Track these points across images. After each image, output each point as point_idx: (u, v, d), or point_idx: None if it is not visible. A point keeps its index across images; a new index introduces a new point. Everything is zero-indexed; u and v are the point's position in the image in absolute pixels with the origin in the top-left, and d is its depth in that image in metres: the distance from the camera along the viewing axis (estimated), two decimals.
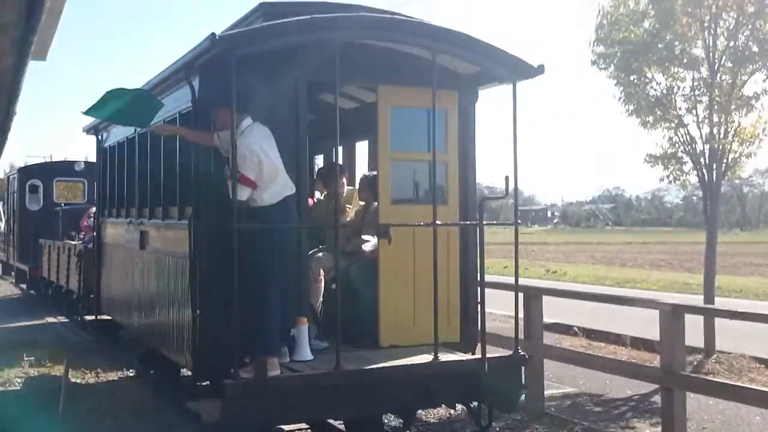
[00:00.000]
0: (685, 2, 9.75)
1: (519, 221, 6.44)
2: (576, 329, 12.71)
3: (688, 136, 10.29)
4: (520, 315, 6.66)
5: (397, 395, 5.92)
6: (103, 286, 10.59)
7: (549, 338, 9.97)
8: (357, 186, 7.68)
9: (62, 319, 15.01)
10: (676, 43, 10.13)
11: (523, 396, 6.73)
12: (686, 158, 10.41)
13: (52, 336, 12.86)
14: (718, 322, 9.94)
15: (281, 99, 6.16)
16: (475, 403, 6.36)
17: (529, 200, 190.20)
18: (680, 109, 10.33)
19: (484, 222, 6.33)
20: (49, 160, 30.02)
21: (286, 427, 7.12)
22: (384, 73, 6.47)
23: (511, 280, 6.58)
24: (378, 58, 6.35)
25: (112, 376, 9.78)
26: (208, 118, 6.01)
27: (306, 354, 6.01)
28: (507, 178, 6.21)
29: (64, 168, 19.24)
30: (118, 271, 9.58)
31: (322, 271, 6.68)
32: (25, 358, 10.25)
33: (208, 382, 6.00)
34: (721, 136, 9.99)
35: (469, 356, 6.38)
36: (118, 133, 9.34)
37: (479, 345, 6.22)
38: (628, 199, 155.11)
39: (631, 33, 10.25)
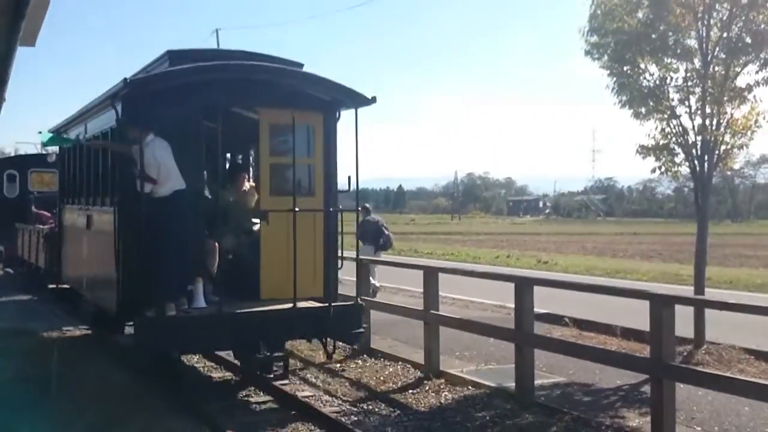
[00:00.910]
0: None
1: (359, 207, 9.79)
2: (567, 319, 12.74)
3: (680, 128, 10.28)
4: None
5: (264, 331, 8.23)
6: (62, 260, 12.73)
7: (540, 328, 9.99)
8: None
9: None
10: (670, 33, 10.11)
11: (361, 331, 9.01)
12: (678, 149, 10.41)
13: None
14: (708, 313, 9.98)
15: (186, 118, 8.30)
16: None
17: (521, 190, 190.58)
18: (673, 100, 10.32)
19: (339, 209, 9.10)
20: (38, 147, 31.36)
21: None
22: (264, 99, 8.60)
23: (497, 270, 6.65)
24: (260, 88, 8.49)
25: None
26: (130, 132, 8.08)
27: (200, 303, 8.25)
28: (350, 178, 8.56)
29: (38, 160, 21.27)
30: (73, 247, 11.79)
31: (217, 244, 8.41)
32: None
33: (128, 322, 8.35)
34: (714, 127, 9.99)
35: (319, 304, 8.56)
36: (74, 133, 11.65)
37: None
38: (619, 190, 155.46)
39: (625, 23, 10.21)
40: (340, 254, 9.06)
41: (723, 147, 10.17)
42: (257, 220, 8.96)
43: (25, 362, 9.32)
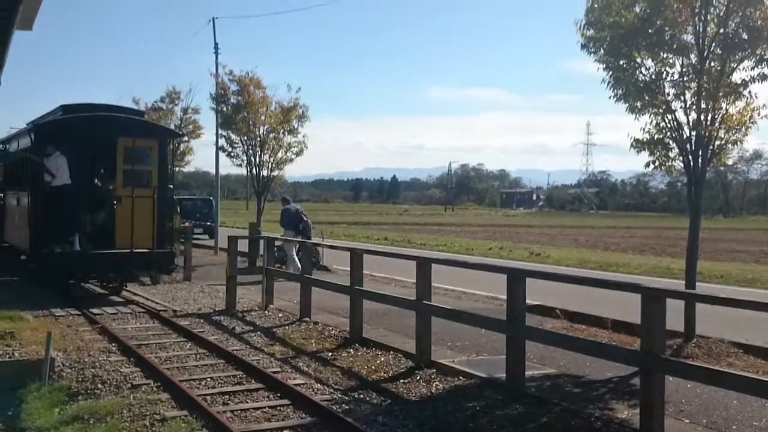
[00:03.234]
0: None
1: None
2: (558, 312, 12.80)
3: (675, 122, 10.29)
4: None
5: (113, 264, 15.11)
6: (4, 227, 19.63)
7: (531, 320, 10.04)
8: None
9: None
10: (667, 28, 10.10)
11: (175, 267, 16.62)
12: (672, 144, 10.42)
13: None
14: (699, 306, 10.03)
15: (74, 144, 15.02)
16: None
17: (515, 183, 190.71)
18: (668, 94, 10.32)
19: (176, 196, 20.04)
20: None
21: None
22: (122, 131, 15.56)
23: (490, 261, 6.62)
24: (120, 123, 15.81)
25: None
26: (39, 151, 14.89)
27: (76, 247, 14.80)
28: (169, 175, 15.74)
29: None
30: (9, 218, 18.69)
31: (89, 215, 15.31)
32: None
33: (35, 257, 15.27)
34: (708, 122, 10.00)
35: (146, 250, 15.18)
36: (12, 148, 18.65)
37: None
38: (613, 184, 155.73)
39: (622, 17, 10.20)
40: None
41: (717, 142, 10.19)
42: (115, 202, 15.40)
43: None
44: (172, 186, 16.65)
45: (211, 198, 34.11)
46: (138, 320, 12.78)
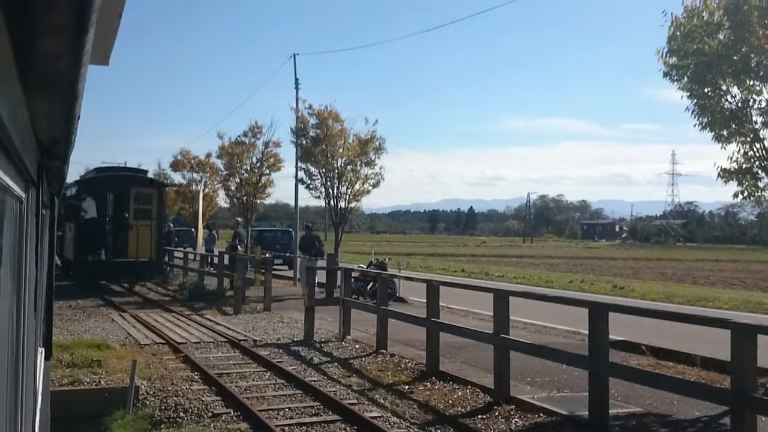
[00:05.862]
0: (761, 14, 9.45)
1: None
2: (644, 348, 12.39)
3: (764, 151, 9.95)
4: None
5: (125, 269, 24.74)
6: (64, 247, 25.99)
7: (615, 356, 9.75)
8: None
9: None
10: (752, 55, 9.82)
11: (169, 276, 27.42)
12: (762, 174, 10.06)
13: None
14: None
15: (101, 193, 24.77)
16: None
17: (596, 214, 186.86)
18: (756, 122, 10.01)
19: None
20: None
21: None
22: (132, 184, 25.55)
23: (571, 294, 6.49)
24: (131, 179, 26.35)
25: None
26: (79, 197, 24.56)
27: (102, 257, 24.22)
28: (164, 211, 28.29)
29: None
30: (66, 240, 25.70)
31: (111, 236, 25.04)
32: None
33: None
34: None
35: (146, 260, 24.84)
36: (68, 193, 25.53)
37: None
38: (700, 215, 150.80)
39: (705, 45, 9.98)
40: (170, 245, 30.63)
41: None
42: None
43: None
44: (166, 219, 28.53)
45: (291, 229, 34.76)
46: (220, 349, 13.04)
